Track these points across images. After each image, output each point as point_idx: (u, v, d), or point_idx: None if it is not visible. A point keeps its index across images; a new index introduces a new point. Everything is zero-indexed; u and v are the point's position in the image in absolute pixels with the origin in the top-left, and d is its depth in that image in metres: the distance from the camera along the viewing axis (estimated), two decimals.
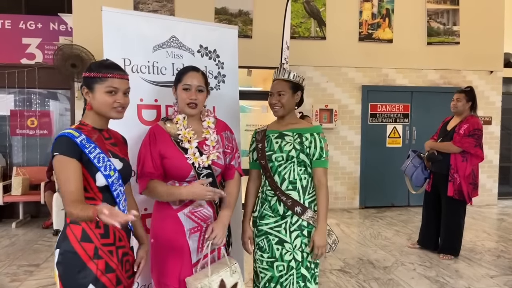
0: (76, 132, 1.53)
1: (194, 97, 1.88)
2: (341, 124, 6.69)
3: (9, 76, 5.93)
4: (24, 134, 6.15)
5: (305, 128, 2.13)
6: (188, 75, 1.90)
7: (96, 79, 1.58)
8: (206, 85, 1.96)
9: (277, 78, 2.15)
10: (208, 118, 2.00)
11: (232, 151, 2.05)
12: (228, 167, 2.03)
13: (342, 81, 6.68)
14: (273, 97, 2.13)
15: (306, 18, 6.51)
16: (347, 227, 5.55)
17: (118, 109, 1.61)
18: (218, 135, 2.00)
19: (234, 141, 2.09)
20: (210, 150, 1.92)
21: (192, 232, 1.92)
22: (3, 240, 4.92)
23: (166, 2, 6.16)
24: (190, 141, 1.90)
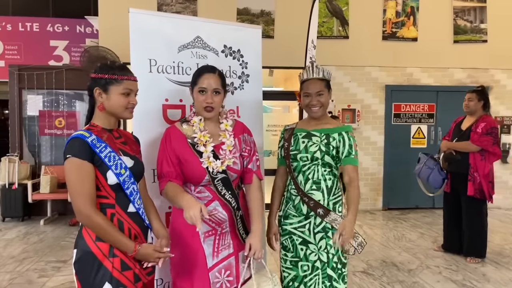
0: (86, 133, 1.56)
1: (210, 101, 1.83)
2: (364, 124, 6.60)
3: (38, 77, 6.11)
4: (52, 134, 6.33)
5: (333, 128, 2.08)
6: (203, 77, 1.85)
7: (112, 80, 1.60)
8: (224, 86, 1.90)
9: (312, 77, 2.07)
10: (226, 120, 1.95)
11: (249, 154, 1.98)
12: (246, 170, 1.98)
13: (365, 81, 6.60)
14: (312, 97, 2.05)
15: (329, 17, 6.46)
16: (370, 228, 5.48)
17: (131, 110, 1.67)
18: (236, 138, 1.95)
19: (253, 143, 2.02)
20: (226, 155, 1.87)
21: (207, 236, 1.88)
22: (31, 236, 5.07)
23: (188, 4, 6.23)
24: (206, 145, 1.85)
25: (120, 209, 1.61)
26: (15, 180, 5.78)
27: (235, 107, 2.44)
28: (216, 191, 1.86)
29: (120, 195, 1.60)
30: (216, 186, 1.86)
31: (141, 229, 1.67)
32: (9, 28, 8.91)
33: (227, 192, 1.88)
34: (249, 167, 1.98)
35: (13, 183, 5.78)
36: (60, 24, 8.99)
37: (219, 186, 1.86)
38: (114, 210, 1.59)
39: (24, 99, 6.25)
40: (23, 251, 4.45)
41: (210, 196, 1.87)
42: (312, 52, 3.64)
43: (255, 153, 2.01)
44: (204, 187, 1.86)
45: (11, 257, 4.26)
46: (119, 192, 1.60)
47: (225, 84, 1.92)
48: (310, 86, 2.06)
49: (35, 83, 6.12)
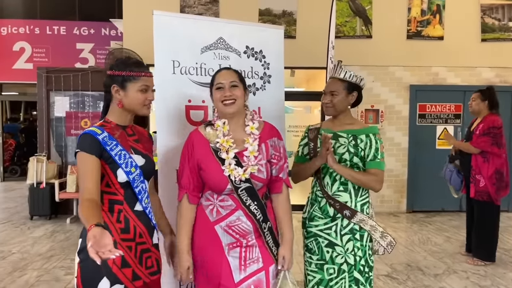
0: (98, 130, 1.57)
1: (229, 93, 1.71)
2: (388, 125, 6.49)
3: (65, 79, 6.26)
4: (78, 134, 6.48)
5: (360, 129, 2.05)
6: (219, 74, 1.77)
7: (130, 77, 1.60)
8: (242, 81, 1.78)
9: (333, 76, 2.09)
10: (252, 122, 1.79)
11: (279, 161, 1.81)
12: (275, 179, 1.82)
13: (389, 81, 6.49)
14: (326, 96, 2.07)
15: (351, 17, 6.38)
16: (394, 231, 5.37)
17: (148, 106, 1.66)
18: (263, 143, 1.78)
19: (283, 148, 1.85)
20: (249, 161, 1.72)
21: (231, 247, 1.74)
22: (58, 235, 5.20)
23: (211, 5, 6.26)
24: (228, 151, 1.72)
25: (128, 206, 1.61)
26: (42, 179, 5.94)
27: (256, 108, 2.43)
28: (240, 201, 1.72)
29: (128, 193, 1.61)
30: (240, 196, 1.72)
31: (146, 228, 1.66)
32: (37, 31, 9.20)
33: (253, 203, 1.73)
34: (279, 176, 1.82)
35: (40, 183, 5.94)
36: (86, 27, 9.22)
37: (244, 196, 1.72)
38: (122, 207, 1.60)
39: (51, 101, 6.42)
40: (50, 249, 4.57)
41: (234, 205, 1.73)
42: (332, 53, 3.60)
43: (285, 160, 1.86)
44: (227, 195, 1.73)
45: (38, 254, 4.38)
46: (127, 189, 1.61)
47: (243, 80, 1.80)
48: (328, 85, 2.10)
49: (62, 85, 6.28)
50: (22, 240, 4.92)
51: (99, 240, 1.20)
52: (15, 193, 8.26)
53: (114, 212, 1.59)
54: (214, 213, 1.75)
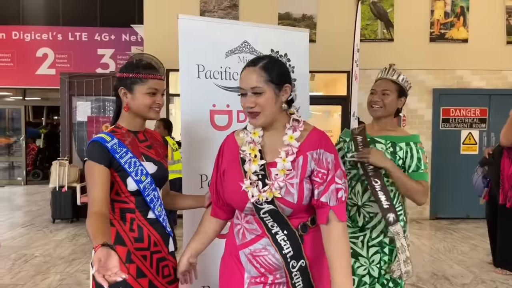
0: (108, 137, 1.52)
1: (249, 104, 1.38)
2: (410, 130, 6.34)
3: (87, 85, 6.35)
4: None
5: (400, 137, 1.94)
6: (242, 75, 1.43)
7: (137, 79, 1.53)
8: (272, 81, 1.38)
9: (384, 77, 1.98)
10: (292, 131, 1.41)
11: (324, 180, 1.36)
12: (318, 204, 1.37)
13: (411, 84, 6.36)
14: (375, 95, 1.95)
15: (373, 20, 6.30)
16: (417, 238, 5.24)
17: (156, 110, 1.58)
18: (302, 156, 1.38)
19: (332, 164, 1.38)
20: (276, 180, 1.36)
21: (253, 283, 1.43)
22: (80, 238, 5.25)
23: (230, 10, 6.27)
24: (252, 162, 1.40)
25: (140, 214, 1.56)
26: (65, 183, 6.02)
27: None
28: (265, 227, 1.40)
29: (140, 200, 1.55)
30: (264, 220, 1.39)
31: (161, 236, 1.60)
32: (59, 38, 9.39)
33: (281, 232, 1.39)
34: (321, 200, 1.36)
35: (63, 186, 6.02)
36: (107, 33, 9.37)
37: (268, 221, 1.39)
38: (134, 215, 1.55)
39: (73, 106, 6.52)
40: (72, 252, 4.61)
41: (259, 231, 1.41)
42: (356, 56, 3.54)
43: (334, 179, 1.37)
44: (251, 215, 1.42)
45: (61, 257, 4.42)
46: (138, 197, 1.55)
47: (274, 77, 1.38)
48: (379, 84, 1.98)
49: (84, 90, 6.37)
50: (45, 243, 4.98)
51: (104, 263, 1.14)
52: (37, 196, 8.41)
53: (126, 221, 1.54)
54: (240, 235, 1.46)
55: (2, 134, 10.39)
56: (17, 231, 5.56)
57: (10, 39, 9.28)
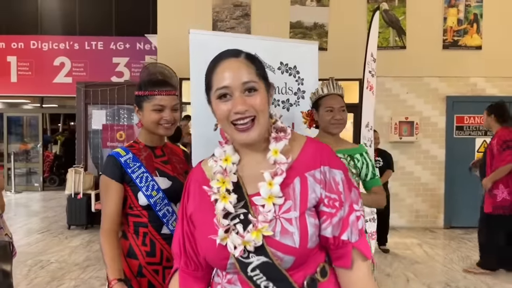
0: (123, 151, 1.57)
1: (242, 107, 0.95)
2: (423, 137, 6.31)
3: (102, 93, 6.48)
4: (114, 146, 6.66)
5: (354, 149, 2.06)
6: (219, 69, 1.00)
7: (144, 97, 1.57)
8: (261, 75, 1.01)
9: (333, 92, 2.04)
10: (276, 142, 1.01)
11: (338, 208, 0.98)
12: (337, 244, 0.98)
13: (424, 92, 6.33)
14: (335, 112, 1.99)
15: (384, 27, 6.29)
16: (430, 248, 5.18)
17: (166, 126, 1.58)
18: (298, 178, 0.99)
19: (344, 184, 1.00)
20: (263, 215, 0.95)
21: None
22: (94, 245, 5.33)
23: (242, 19, 6.34)
24: (222, 197, 0.99)
25: (153, 229, 1.57)
26: (80, 190, 6.14)
27: (290, 124, 2.42)
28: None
29: (152, 215, 1.57)
30: (254, 280, 0.96)
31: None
32: (76, 47, 9.60)
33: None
34: (342, 238, 0.98)
35: (78, 193, 6.14)
36: (122, 42, 9.54)
37: (260, 280, 0.96)
38: (147, 230, 1.57)
39: (89, 114, 6.65)
40: (86, 259, 4.69)
41: None
42: (372, 65, 3.54)
43: (353, 206, 1.00)
44: (234, 274, 1.00)
45: (75, 264, 4.50)
46: (151, 211, 1.57)
47: (262, 71, 1.03)
48: (333, 100, 2.01)
49: (99, 98, 6.50)
50: (60, 249, 5.08)
51: None
52: (53, 202, 8.57)
53: (139, 235, 1.57)
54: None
55: (20, 140, 10.63)
56: (34, 237, 5.68)
57: (29, 49, 9.52)
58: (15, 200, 8.87)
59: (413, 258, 4.71)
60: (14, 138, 10.56)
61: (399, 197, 6.25)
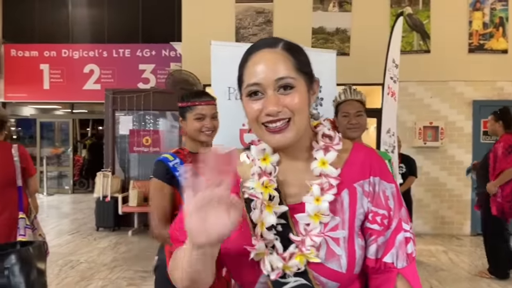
0: (171, 156, 1.72)
1: (275, 107, 0.81)
2: (449, 143, 6.21)
3: (129, 100, 6.69)
4: (140, 151, 6.87)
5: None
6: (250, 62, 0.86)
7: (187, 108, 1.76)
8: (301, 70, 0.85)
9: (350, 98, 2.10)
10: (325, 151, 0.88)
11: (386, 226, 0.86)
12: (378, 268, 0.86)
13: (449, 96, 6.23)
14: (350, 117, 2.06)
15: (408, 31, 6.24)
16: (456, 255, 5.09)
17: (207, 133, 1.76)
18: (346, 190, 0.87)
19: (394, 199, 0.89)
20: (307, 233, 0.84)
21: None
22: (121, 246, 5.51)
23: (265, 26, 6.43)
24: (264, 207, 0.85)
25: None
26: (108, 193, 6.35)
27: None
28: None
29: None
30: None
31: None
32: (105, 54, 9.92)
33: None
34: (385, 261, 0.85)
35: (106, 196, 6.35)
36: (148, 49, 9.80)
37: None
38: None
39: (116, 119, 6.88)
40: (113, 260, 4.86)
41: None
42: (393, 72, 3.54)
43: (402, 225, 0.87)
44: None
45: (103, 264, 4.67)
46: None
47: (303, 64, 0.87)
48: (349, 106, 2.08)
49: (126, 105, 6.71)
50: (89, 250, 5.28)
51: None
52: (83, 205, 8.87)
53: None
54: None
55: (52, 145, 11.07)
56: (64, 238, 5.92)
57: (60, 57, 9.90)
58: (47, 202, 9.23)
59: (438, 265, 4.65)
60: (46, 142, 11.00)
61: (424, 203, 6.17)
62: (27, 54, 9.86)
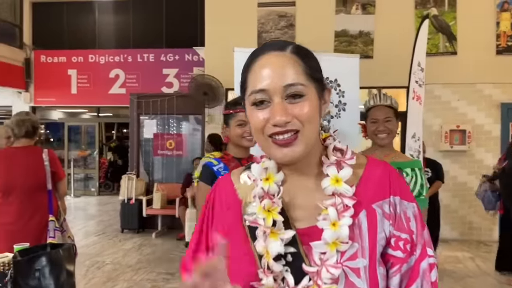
0: (215, 161, 1.84)
1: (283, 117, 0.73)
2: (476, 147, 6.05)
3: (153, 104, 6.82)
4: (163, 154, 6.98)
5: (405, 162, 1.98)
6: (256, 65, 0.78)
7: (230, 115, 1.87)
8: (312, 77, 0.78)
9: (379, 104, 2.04)
10: (339, 168, 0.79)
11: (409, 252, 0.77)
12: None
13: (476, 99, 6.08)
14: (379, 123, 2.00)
15: (434, 33, 6.13)
16: (483, 262, 4.95)
17: (248, 138, 1.85)
18: (364, 211, 0.77)
19: (416, 221, 0.80)
20: (323, 263, 0.74)
21: None
22: (145, 248, 5.60)
23: (287, 29, 6.43)
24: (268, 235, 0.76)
25: None
26: (132, 196, 6.47)
27: None
28: None
29: None
30: None
31: None
32: (129, 59, 10.14)
33: None
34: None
35: (130, 199, 6.48)
36: (172, 54, 9.95)
37: None
38: None
39: (141, 123, 7.02)
40: (138, 261, 4.95)
41: None
42: (418, 75, 3.48)
43: (426, 250, 0.78)
44: None
45: (128, 266, 4.76)
46: None
47: (314, 70, 0.79)
48: (378, 112, 2.03)
49: (150, 109, 6.84)
50: (114, 251, 5.39)
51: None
52: (109, 206, 9.07)
53: None
54: None
55: (79, 148, 11.37)
56: (91, 239, 6.06)
57: (87, 62, 10.17)
58: (74, 204, 9.48)
59: (465, 272, 4.53)
60: (74, 145, 11.31)
61: (451, 208, 6.02)
62: (55, 60, 10.18)
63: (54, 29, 10.42)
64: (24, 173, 2.62)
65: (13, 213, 2.59)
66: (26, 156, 2.65)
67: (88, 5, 10.44)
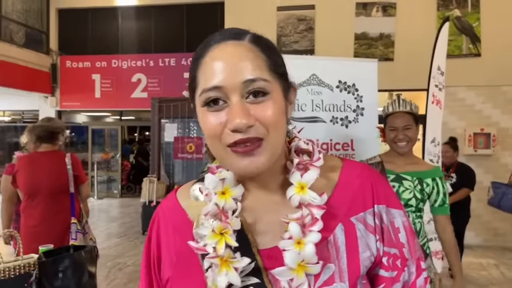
0: None
1: (244, 120, 0.59)
2: (501, 150, 5.89)
3: (174, 108, 6.91)
4: (184, 158, 7.07)
5: (425, 172, 1.93)
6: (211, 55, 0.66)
7: None
8: (275, 72, 0.65)
9: (398, 110, 1.97)
10: (301, 173, 0.66)
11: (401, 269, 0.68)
12: None
13: (501, 102, 5.92)
14: (398, 132, 1.93)
15: (457, 35, 6.01)
16: (507, 269, 4.80)
17: None
18: (340, 225, 0.65)
19: (406, 231, 0.70)
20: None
21: None
22: None
23: (306, 33, 6.43)
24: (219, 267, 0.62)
25: None
26: (153, 198, 6.57)
27: (349, 141, 2.45)
28: None
29: None
30: None
31: None
32: (151, 64, 10.31)
33: None
34: None
35: (152, 201, 6.58)
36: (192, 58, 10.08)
37: None
38: None
39: (162, 127, 7.13)
40: None
41: None
42: (438, 79, 3.43)
43: (420, 264, 0.70)
44: None
45: None
46: None
47: (279, 64, 0.68)
48: (396, 119, 1.95)
49: (171, 112, 6.94)
50: (136, 253, 5.48)
51: None
52: (130, 208, 9.23)
53: None
54: None
55: (102, 150, 11.63)
56: (113, 241, 6.18)
57: (110, 67, 10.41)
58: (97, 206, 9.69)
59: (489, 280, 4.41)
60: (97, 148, 11.58)
61: (475, 213, 5.85)
62: (80, 65, 10.45)
63: (79, 35, 10.71)
64: (48, 177, 2.71)
65: (37, 216, 2.67)
66: (49, 161, 2.74)
67: (112, 11, 10.69)
